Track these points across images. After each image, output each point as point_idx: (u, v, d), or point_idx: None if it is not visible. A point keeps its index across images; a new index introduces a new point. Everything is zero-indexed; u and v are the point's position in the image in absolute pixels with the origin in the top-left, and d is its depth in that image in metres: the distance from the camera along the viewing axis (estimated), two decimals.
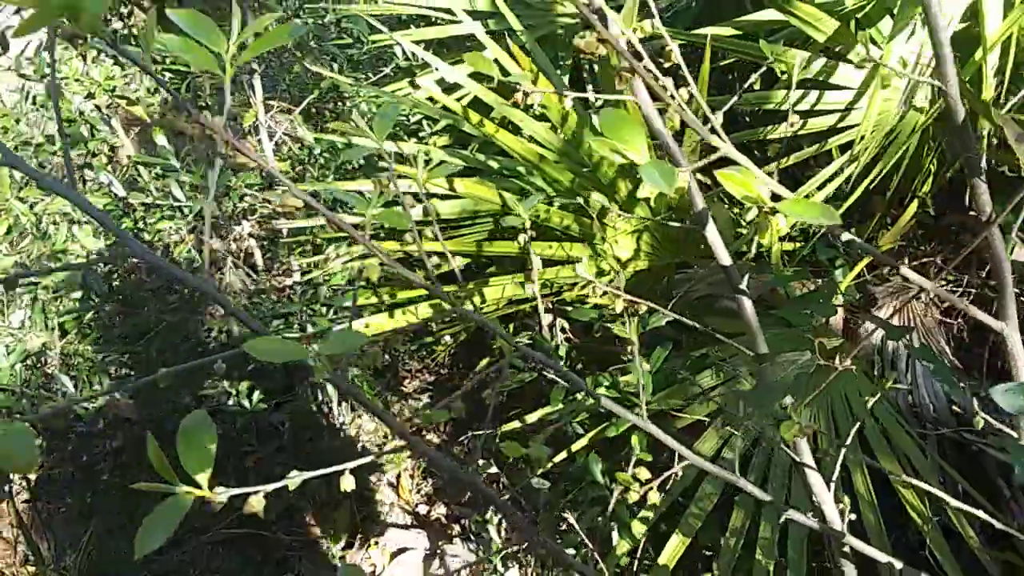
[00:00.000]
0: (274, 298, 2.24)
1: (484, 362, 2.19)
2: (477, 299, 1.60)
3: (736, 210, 1.71)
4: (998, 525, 0.92)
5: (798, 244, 2.01)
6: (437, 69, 1.89)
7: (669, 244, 1.74)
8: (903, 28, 1.48)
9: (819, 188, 1.77)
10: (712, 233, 0.85)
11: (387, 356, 2.63)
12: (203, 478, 0.50)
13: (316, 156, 1.94)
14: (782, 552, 1.54)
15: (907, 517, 1.45)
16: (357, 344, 0.51)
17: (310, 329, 2.12)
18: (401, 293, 1.66)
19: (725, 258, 0.86)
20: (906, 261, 2.06)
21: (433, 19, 2.29)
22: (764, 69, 1.57)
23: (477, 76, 1.90)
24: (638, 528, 1.59)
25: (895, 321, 2.00)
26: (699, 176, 1.66)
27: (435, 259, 2.07)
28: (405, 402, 2.56)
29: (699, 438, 1.65)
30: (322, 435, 2.45)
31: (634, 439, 0.88)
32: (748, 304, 0.87)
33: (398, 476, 2.58)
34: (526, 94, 0.77)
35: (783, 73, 1.55)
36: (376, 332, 1.60)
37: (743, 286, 0.83)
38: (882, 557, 0.86)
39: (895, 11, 1.48)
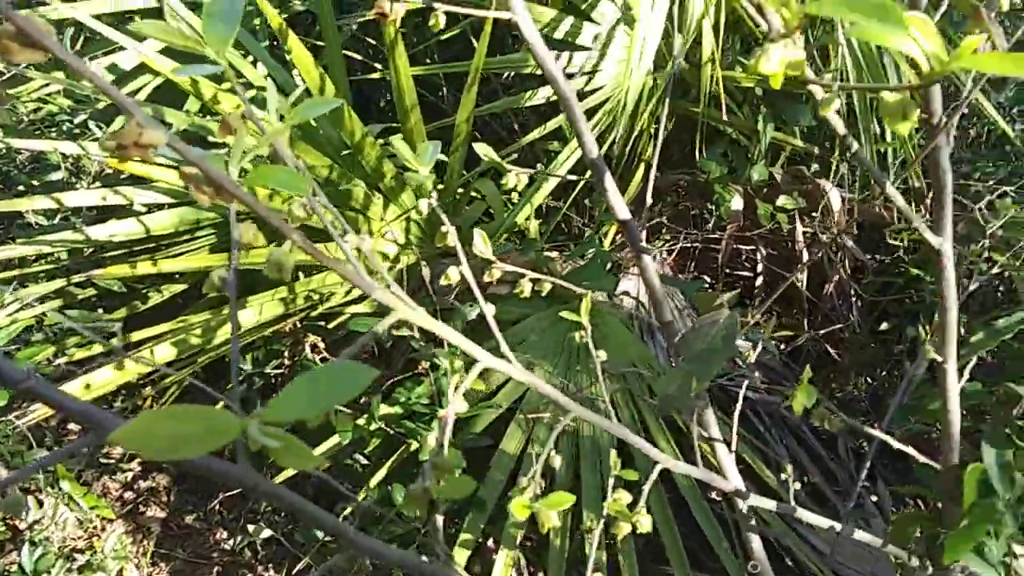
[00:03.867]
0: None
1: (219, 406, 1.80)
2: (227, 327, 1.27)
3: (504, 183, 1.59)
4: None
5: (538, 223, 1.97)
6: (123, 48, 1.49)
7: (438, 233, 1.56)
8: None
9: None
10: (611, 186, 0.70)
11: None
12: None
13: None
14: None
15: None
16: (351, 390, 0.26)
17: None
18: (137, 333, 1.26)
19: (624, 212, 0.72)
20: (642, 221, 2.13)
21: None
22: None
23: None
24: (461, 555, 1.41)
25: (634, 282, 2.05)
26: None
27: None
28: (112, 476, 2.04)
29: (504, 436, 1.51)
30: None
31: (612, 455, 0.69)
32: (651, 264, 0.74)
33: (120, 571, 2.05)
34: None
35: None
36: (102, 391, 1.19)
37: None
38: (823, 522, 0.79)
39: None
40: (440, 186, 1.56)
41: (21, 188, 1.71)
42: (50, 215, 1.58)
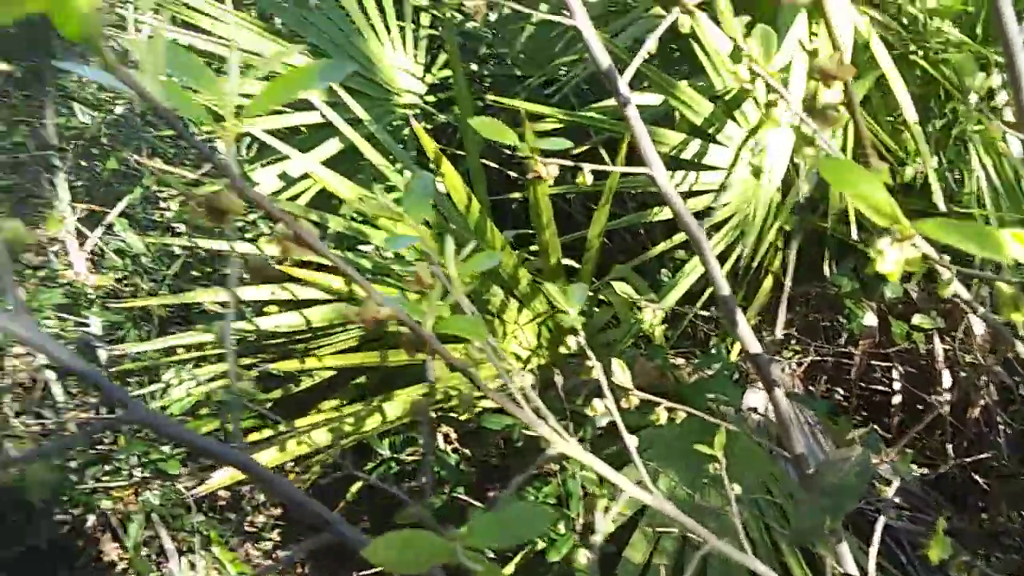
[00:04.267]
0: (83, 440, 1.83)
1: (355, 487, 1.92)
2: (377, 416, 1.38)
3: (640, 318, 1.65)
4: None
5: (664, 327, 2.01)
6: (288, 157, 1.71)
7: (584, 367, 1.64)
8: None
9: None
10: (742, 323, 0.75)
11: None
12: None
13: (144, 266, 1.63)
14: None
15: None
16: (536, 531, 0.33)
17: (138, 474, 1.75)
18: (302, 419, 1.39)
19: (755, 346, 0.76)
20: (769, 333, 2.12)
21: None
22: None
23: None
24: None
25: (760, 395, 2.03)
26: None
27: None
28: (255, 543, 2.19)
29: (627, 545, 1.52)
30: None
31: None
32: (782, 399, 0.77)
33: None
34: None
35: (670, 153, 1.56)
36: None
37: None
38: None
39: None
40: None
41: (196, 275, 1.95)
42: (224, 304, 1.78)
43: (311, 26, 2.07)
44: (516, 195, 1.72)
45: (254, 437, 1.46)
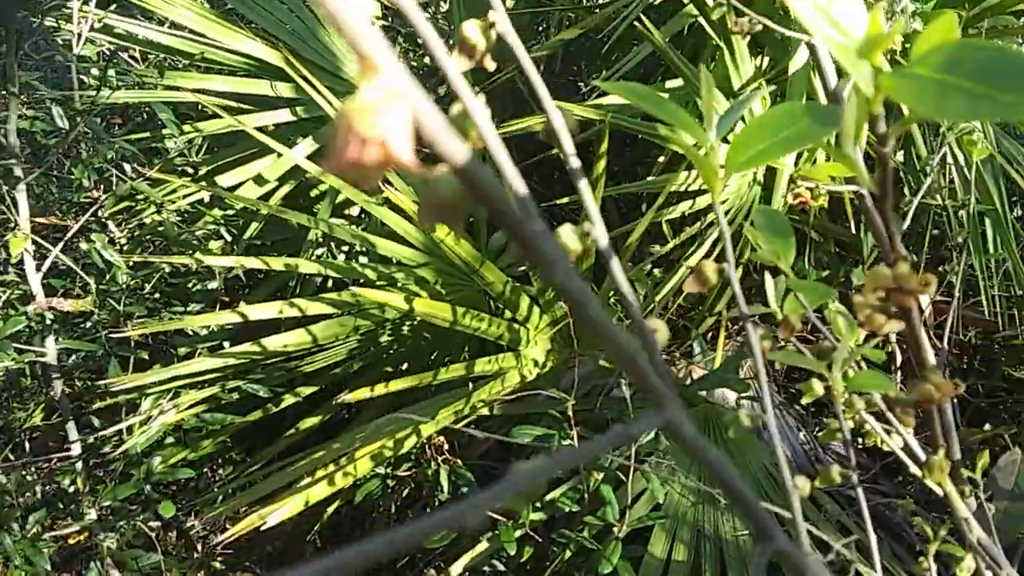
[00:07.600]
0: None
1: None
2: (432, 425, 1.32)
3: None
4: None
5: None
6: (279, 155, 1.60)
7: (572, 339, 1.63)
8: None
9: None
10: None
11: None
12: None
13: (122, 284, 1.46)
14: None
15: None
16: None
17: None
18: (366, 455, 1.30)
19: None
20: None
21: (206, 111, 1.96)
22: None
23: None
24: None
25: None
26: None
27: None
28: None
29: (648, 542, 1.54)
30: None
31: None
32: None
33: None
34: None
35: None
36: (313, 503, 1.22)
37: None
38: None
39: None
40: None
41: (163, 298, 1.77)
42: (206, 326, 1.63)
43: (268, 15, 1.93)
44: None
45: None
